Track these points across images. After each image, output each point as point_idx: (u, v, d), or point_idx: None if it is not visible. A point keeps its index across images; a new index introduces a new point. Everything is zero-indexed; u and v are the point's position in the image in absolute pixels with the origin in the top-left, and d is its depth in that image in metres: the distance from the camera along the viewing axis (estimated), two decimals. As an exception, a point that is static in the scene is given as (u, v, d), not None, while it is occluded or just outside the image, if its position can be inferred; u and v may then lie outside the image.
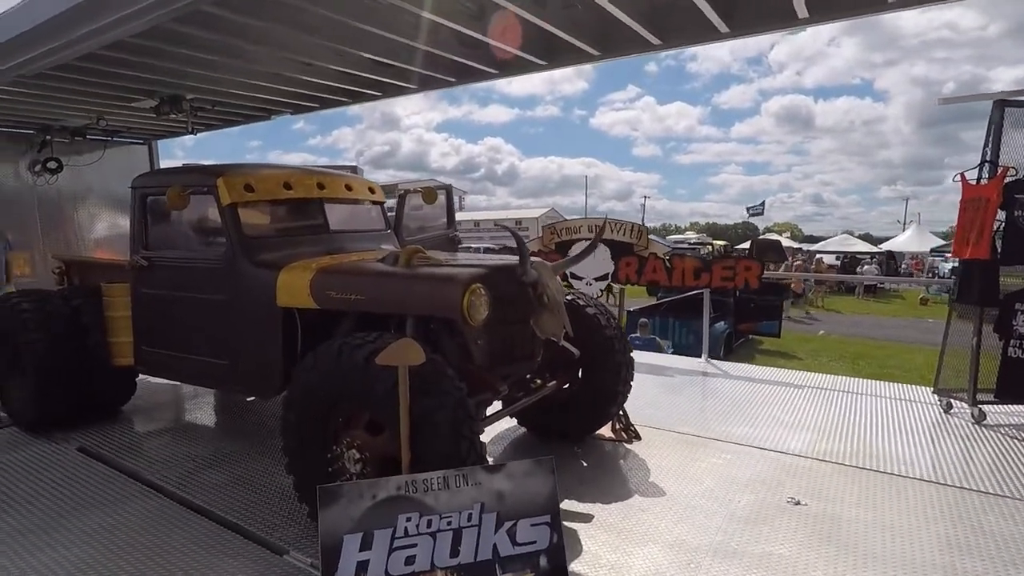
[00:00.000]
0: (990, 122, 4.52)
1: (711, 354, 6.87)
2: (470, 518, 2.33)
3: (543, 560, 2.36)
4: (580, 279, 6.68)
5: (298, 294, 3.35)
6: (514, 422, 4.29)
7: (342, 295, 3.22)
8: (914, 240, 29.73)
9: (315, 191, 4.05)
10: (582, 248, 4.02)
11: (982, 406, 4.55)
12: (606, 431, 4.25)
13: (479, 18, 4.07)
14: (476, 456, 2.60)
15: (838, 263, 29.71)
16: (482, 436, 2.78)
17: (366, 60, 4.86)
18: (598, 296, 6.46)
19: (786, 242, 30.69)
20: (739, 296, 12.51)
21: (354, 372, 2.66)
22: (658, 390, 5.45)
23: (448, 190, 5.95)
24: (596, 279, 6.70)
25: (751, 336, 14.46)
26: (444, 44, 4.56)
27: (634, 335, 9.28)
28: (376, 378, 2.57)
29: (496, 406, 3.55)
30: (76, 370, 4.33)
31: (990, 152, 4.50)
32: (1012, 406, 4.66)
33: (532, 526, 2.39)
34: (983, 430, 4.40)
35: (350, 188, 4.33)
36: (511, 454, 4.04)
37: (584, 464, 3.87)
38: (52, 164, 7.17)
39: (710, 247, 34.07)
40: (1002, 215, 4.43)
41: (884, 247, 31.17)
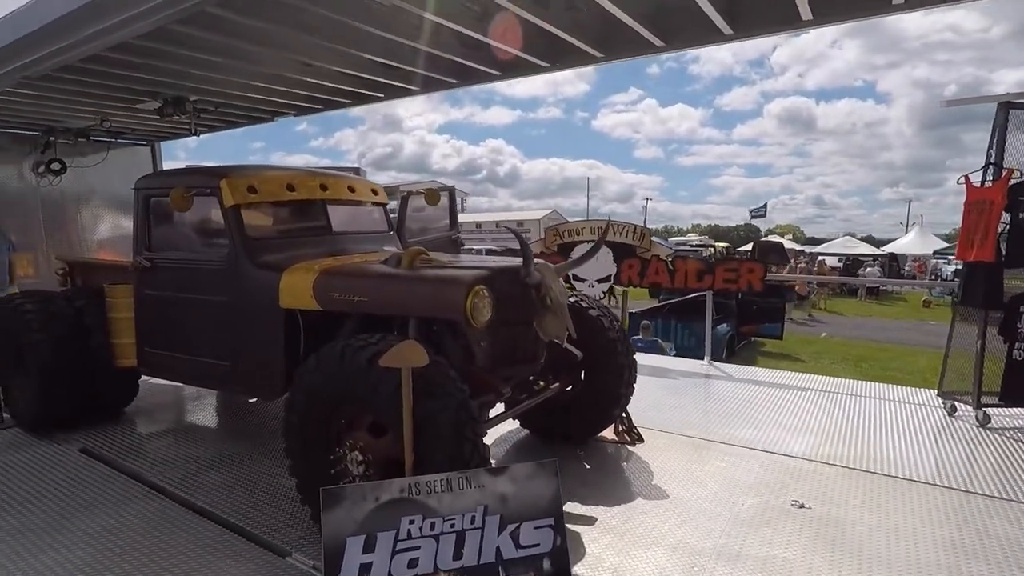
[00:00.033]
0: (995, 124, 4.50)
1: (713, 356, 6.85)
2: (473, 521, 2.33)
3: (546, 563, 2.35)
4: (582, 281, 6.68)
5: (301, 295, 3.35)
6: (516, 424, 4.29)
7: (345, 297, 3.22)
8: (917, 242, 29.70)
9: (318, 192, 4.05)
10: (585, 250, 4.02)
11: (986, 409, 4.53)
12: (609, 433, 4.23)
13: (482, 19, 4.07)
14: (479, 458, 2.60)
15: (840, 265, 29.67)
16: (485, 438, 2.78)
17: (369, 62, 4.86)
18: (600, 298, 6.45)
19: (788, 244, 30.68)
20: (741, 298, 12.49)
21: (357, 374, 2.65)
22: (661, 392, 5.44)
23: (451, 192, 5.95)
24: (598, 281, 6.69)
25: (753, 338, 14.44)
26: (447, 45, 4.56)
27: (636, 337, 9.27)
28: (379, 380, 2.57)
29: (499, 408, 3.54)
30: (79, 371, 4.33)
31: (995, 154, 4.49)
32: (1016, 409, 4.64)
33: (535, 529, 2.38)
34: (987, 433, 4.38)
35: (353, 190, 4.33)
36: (514, 456, 4.03)
37: (587, 466, 3.86)
38: (56, 165, 7.19)
39: (712, 249, 34.07)
40: (1007, 217, 4.42)
41: (887, 249, 31.13)
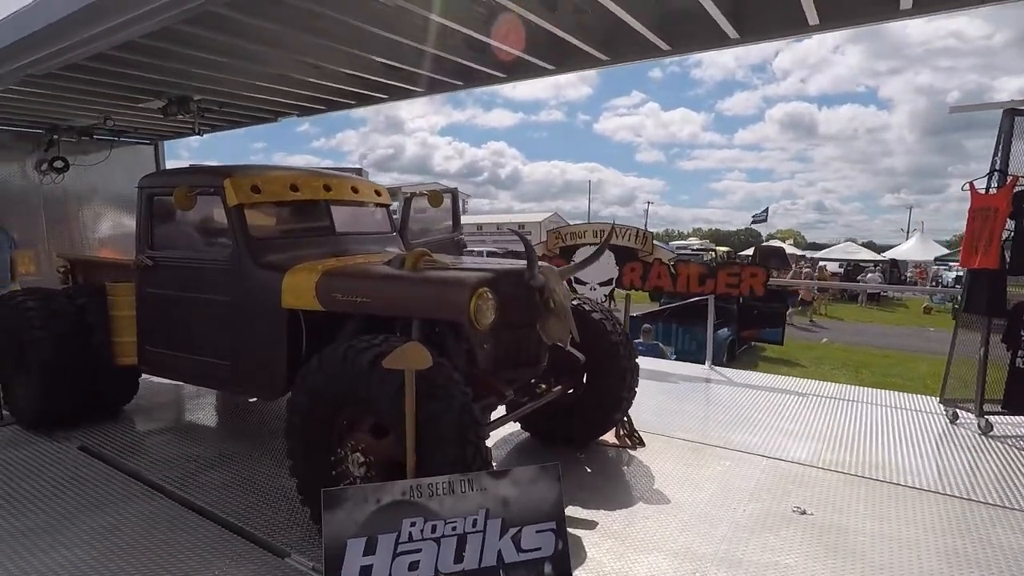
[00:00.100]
0: (1000, 131, 4.49)
1: (714, 361, 6.84)
2: (475, 524, 2.32)
3: (548, 567, 2.34)
4: (584, 284, 6.67)
5: (303, 296, 3.34)
6: (518, 427, 4.27)
7: (348, 297, 3.21)
8: (918, 248, 29.69)
9: (321, 193, 4.05)
10: (588, 253, 4.01)
11: (989, 417, 4.52)
12: (610, 437, 4.22)
13: (488, 21, 4.07)
14: (481, 461, 2.59)
15: (841, 271, 29.66)
16: (487, 441, 2.77)
17: (374, 63, 4.87)
18: (602, 301, 6.44)
19: (789, 249, 30.64)
20: (743, 303, 12.49)
21: (360, 375, 2.64)
22: (662, 396, 5.43)
23: (454, 193, 5.95)
24: (600, 284, 6.69)
25: (754, 343, 14.43)
26: (452, 47, 4.56)
27: (637, 341, 9.26)
28: (382, 381, 2.56)
29: (500, 411, 3.54)
30: (80, 369, 4.32)
31: (999, 161, 4.48)
32: (1019, 417, 4.62)
33: (537, 533, 2.37)
34: (990, 441, 4.36)
35: (356, 190, 4.32)
36: (515, 459, 4.01)
37: (588, 470, 3.85)
38: (59, 163, 7.20)
39: (713, 253, 34.07)
40: (1011, 225, 4.41)
41: (888, 255, 31.12)
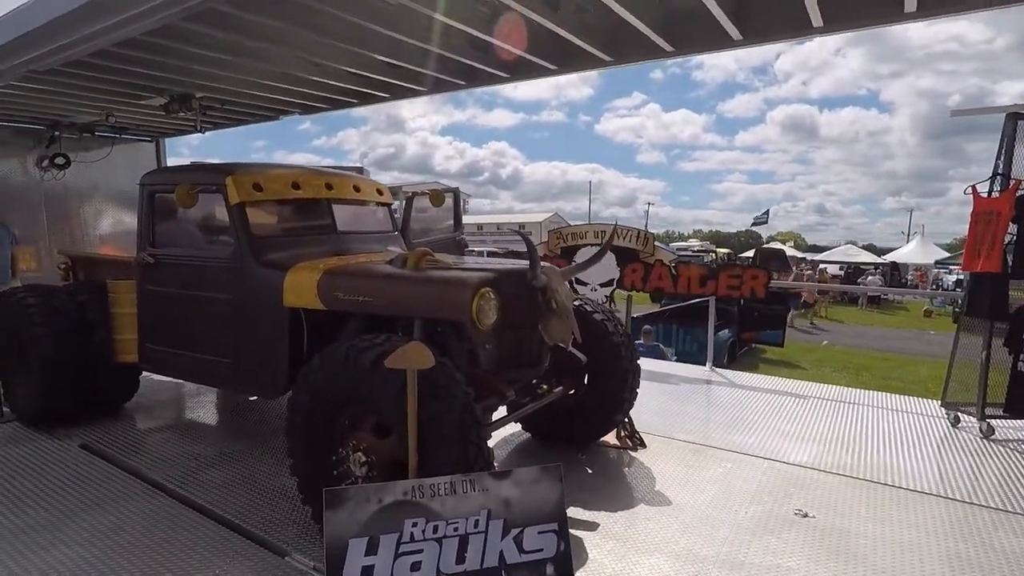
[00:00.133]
0: (1003, 135, 4.48)
1: (715, 362, 6.83)
2: (477, 524, 2.31)
3: (549, 568, 2.33)
4: (585, 285, 6.66)
5: (305, 294, 3.34)
6: (518, 427, 4.27)
7: (349, 296, 3.20)
8: (918, 252, 29.71)
9: (323, 191, 4.04)
10: (589, 254, 4.00)
11: (991, 420, 4.51)
12: (611, 438, 4.22)
13: (491, 21, 4.07)
14: (483, 462, 2.58)
15: (841, 273, 29.66)
16: (488, 441, 2.76)
17: (377, 61, 4.86)
18: (603, 302, 6.43)
19: (789, 251, 30.65)
20: (743, 305, 12.48)
21: (362, 374, 2.64)
22: (663, 398, 5.42)
23: (456, 193, 5.94)
24: (601, 285, 6.68)
25: (754, 345, 14.43)
26: (455, 47, 4.56)
27: (638, 342, 9.25)
28: (384, 381, 2.55)
29: (501, 411, 3.53)
30: (80, 366, 4.32)
31: (1002, 165, 4.47)
32: (1021, 421, 4.61)
33: (539, 534, 2.36)
34: (991, 445, 4.36)
35: (358, 189, 4.32)
36: (516, 460, 4.01)
37: (589, 471, 3.84)
38: (60, 160, 7.19)
39: (713, 255, 34.07)
40: (1013, 228, 4.40)
41: (888, 258, 31.12)
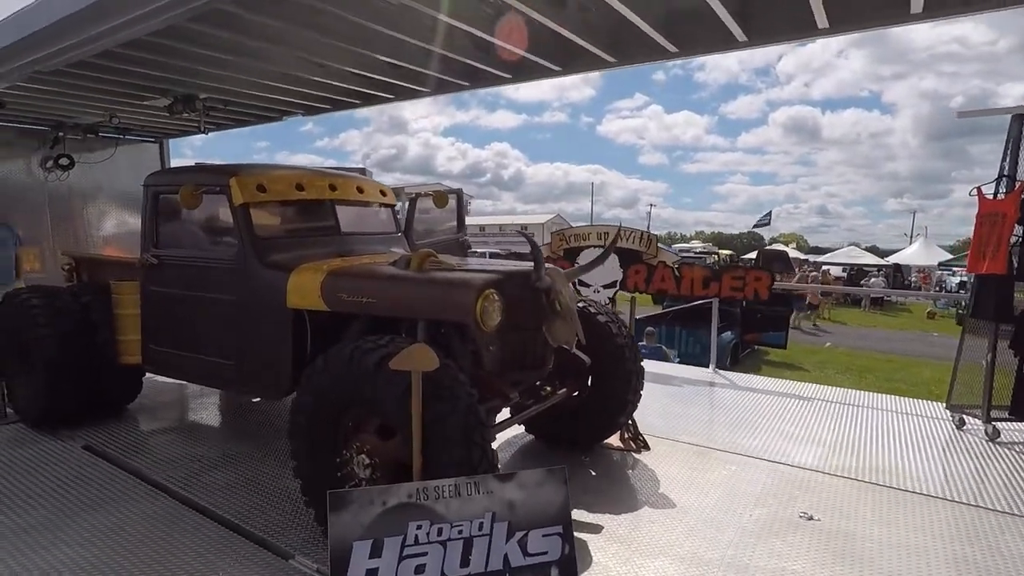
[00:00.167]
0: (1008, 136, 4.46)
1: (717, 364, 6.81)
2: (481, 527, 2.30)
3: (554, 572, 2.32)
4: (588, 286, 6.65)
5: (308, 296, 3.33)
6: (522, 429, 4.26)
7: (353, 298, 3.20)
8: (921, 253, 29.64)
9: (327, 193, 4.04)
10: (592, 255, 3.99)
11: (996, 423, 4.49)
12: (615, 440, 4.20)
13: (495, 22, 4.06)
14: (488, 464, 2.57)
15: (844, 275, 29.60)
16: (492, 443, 2.75)
17: (380, 62, 4.86)
18: (606, 304, 6.41)
19: (792, 253, 30.61)
20: (746, 306, 12.46)
21: (366, 376, 2.63)
22: (666, 400, 5.41)
23: (459, 194, 5.93)
24: (604, 286, 6.66)
25: (757, 347, 14.40)
26: (459, 47, 4.55)
27: (640, 343, 9.23)
28: (388, 383, 2.54)
29: (505, 413, 3.52)
30: (84, 367, 4.31)
31: (1007, 166, 4.46)
32: (1027, 424, 4.59)
33: (544, 536, 2.35)
34: (997, 447, 4.33)
35: (362, 190, 4.31)
36: (519, 462, 4.00)
37: (593, 473, 3.83)
38: (64, 161, 7.20)
39: (716, 256, 34.01)
40: (1019, 230, 4.38)
41: (892, 260, 31.06)
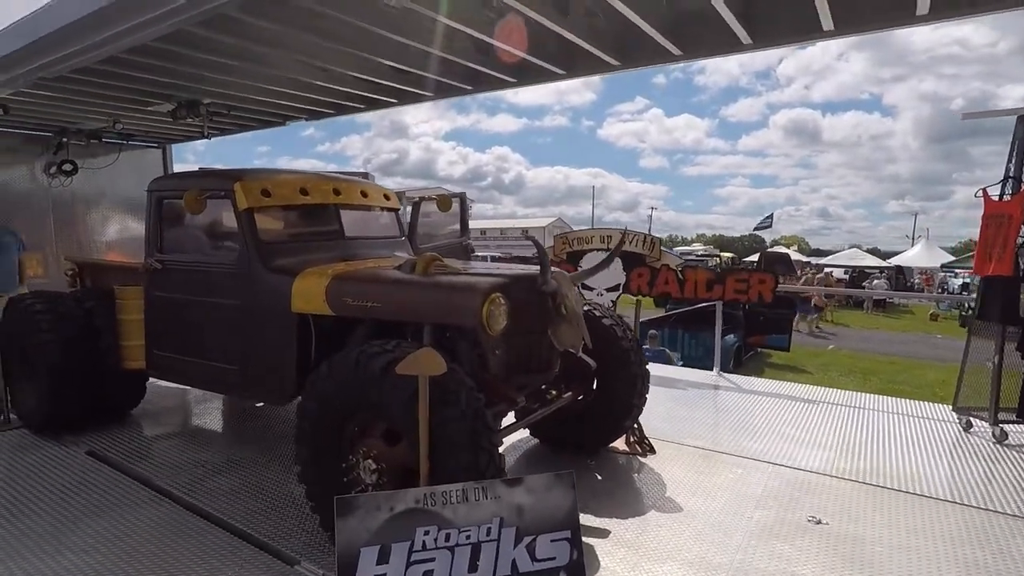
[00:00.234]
0: (1014, 137, 4.46)
1: (721, 367, 6.80)
2: (489, 532, 2.28)
3: (563, 577, 2.31)
4: (591, 290, 6.64)
5: (313, 300, 3.32)
6: (527, 433, 4.24)
7: (358, 302, 3.19)
8: (923, 255, 29.57)
9: (331, 197, 4.04)
10: (596, 258, 3.98)
11: (1003, 425, 4.46)
12: (620, 444, 4.19)
13: (499, 25, 4.05)
14: (495, 469, 2.56)
15: (846, 277, 29.56)
16: (499, 448, 2.74)
17: (383, 67, 4.86)
18: (609, 307, 6.40)
19: (793, 255, 30.57)
20: (749, 309, 12.42)
21: (371, 381, 2.62)
22: (671, 403, 5.39)
23: (462, 198, 5.93)
24: (607, 290, 6.65)
25: (760, 349, 14.35)
26: (462, 51, 4.55)
27: (644, 347, 9.20)
28: (394, 387, 2.53)
29: (511, 417, 3.51)
30: (87, 372, 4.30)
31: (1013, 168, 4.45)
32: (1034, 426, 4.57)
33: (552, 542, 2.34)
34: (1004, 450, 4.31)
35: (365, 195, 4.31)
36: (524, 466, 3.98)
37: (599, 477, 3.81)
38: (67, 166, 7.22)
39: (717, 259, 34.01)
40: (1025, 232, 4.37)
41: (893, 262, 31.01)
